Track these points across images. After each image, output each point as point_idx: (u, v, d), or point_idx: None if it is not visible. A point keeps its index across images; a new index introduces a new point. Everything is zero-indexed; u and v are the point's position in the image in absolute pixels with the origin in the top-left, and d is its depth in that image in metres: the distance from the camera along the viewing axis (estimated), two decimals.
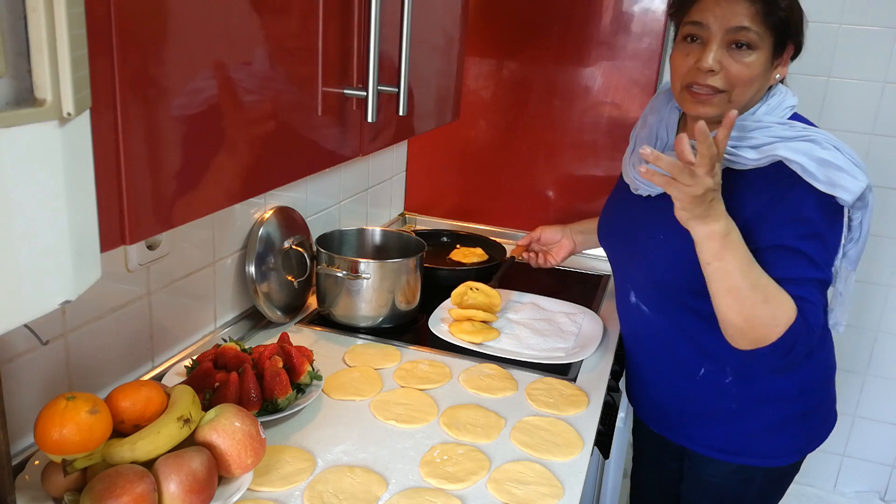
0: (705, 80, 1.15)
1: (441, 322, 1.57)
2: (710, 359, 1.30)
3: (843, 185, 1.08)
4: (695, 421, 1.39)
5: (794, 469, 1.41)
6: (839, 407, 1.44)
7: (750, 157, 1.15)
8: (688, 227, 1.11)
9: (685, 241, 1.15)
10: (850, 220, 1.17)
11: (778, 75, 1.19)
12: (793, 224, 1.14)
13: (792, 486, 1.43)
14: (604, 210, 1.52)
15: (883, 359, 2.45)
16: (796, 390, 1.30)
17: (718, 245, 1.09)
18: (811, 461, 1.41)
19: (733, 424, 1.34)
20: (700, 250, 1.12)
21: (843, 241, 1.18)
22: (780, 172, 1.14)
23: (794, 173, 1.11)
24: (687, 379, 1.35)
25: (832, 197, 1.11)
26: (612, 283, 1.82)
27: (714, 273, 1.12)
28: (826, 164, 1.09)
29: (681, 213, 1.10)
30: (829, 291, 1.23)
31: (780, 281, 1.13)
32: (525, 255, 1.75)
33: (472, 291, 1.58)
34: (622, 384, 1.58)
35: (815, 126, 1.19)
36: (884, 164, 2.26)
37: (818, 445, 1.39)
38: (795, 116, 1.23)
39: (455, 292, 1.59)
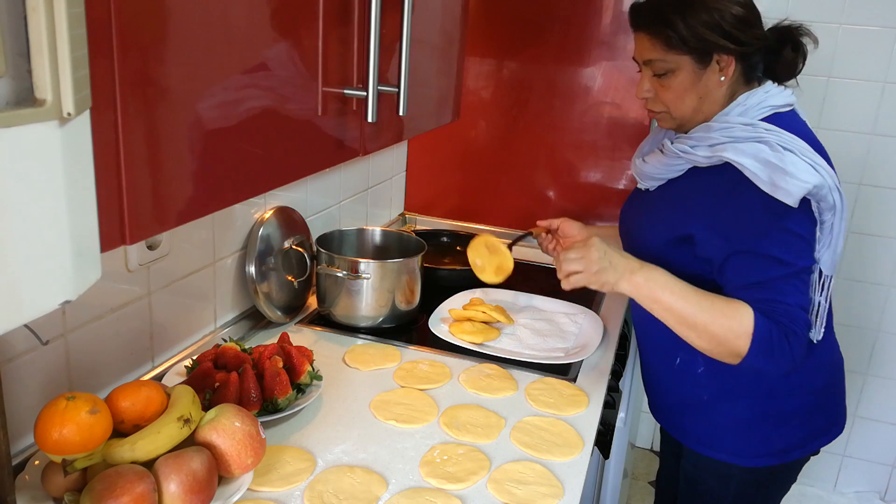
0: (647, 106, 1.32)
1: (441, 322, 1.57)
2: (683, 348, 1.32)
3: (784, 188, 1.10)
4: (677, 410, 1.42)
5: (780, 476, 1.38)
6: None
7: (702, 155, 1.21)
8: (617, 291, 1.21)
9: (658, 232, 1.25)
10: (821, 222, 1.16)
11: (722, 77, 1.22)
12: (742, 228, 1.16)
13: (792, 485, 1.42)
14: (623, 206, 1.54)
15: (883, 359, 2.45)
16: (763, 389, 1.30)
17: (646, 289, 1.19)
18: (811, 460, 1.40)
19: (706, 416, 1.36)
20: (639, 302, 1.22)
21: (817, 234, 1.16)
22: (729, 173, 1.17)
23: (742, 175, 1.14)
24: (667, 367, 1.39)
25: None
26: None
27: (660, 313, 1.20)
28: (770, 167, 1.11)
29: (602, 286, 1.21)
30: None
31: (745, 287, 1.16)
32: (544, 234, 1.77)
33: (476, 312, 1.57)
34: (623, 384, 1.59)
35: (798, 126, 1.20)
36: (884, 164, 2.26)
37: (802, 455, 1.35)
38: (778, 116, 1.22)
39: (459, 312, 1.58)
